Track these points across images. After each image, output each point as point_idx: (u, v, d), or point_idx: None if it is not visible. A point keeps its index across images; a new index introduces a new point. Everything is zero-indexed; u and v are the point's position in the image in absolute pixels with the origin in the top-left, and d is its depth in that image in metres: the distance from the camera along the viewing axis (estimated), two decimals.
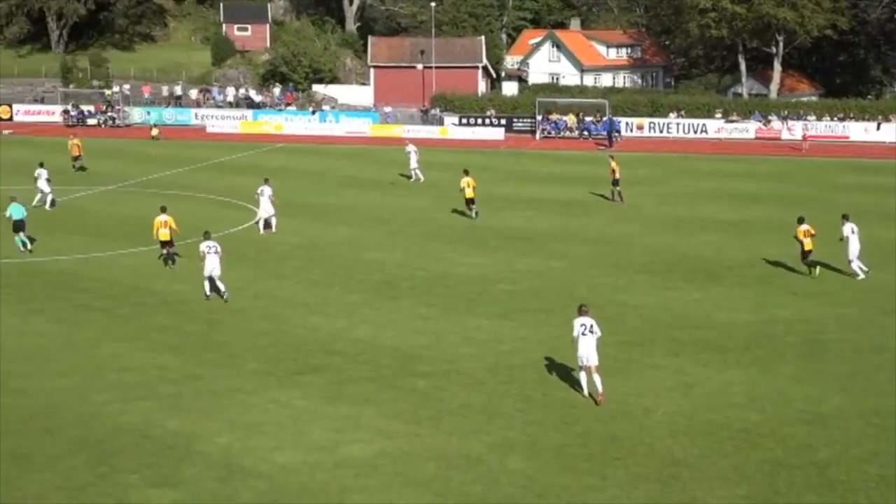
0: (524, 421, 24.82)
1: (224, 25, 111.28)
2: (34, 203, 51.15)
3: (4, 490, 20.96)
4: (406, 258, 42.29)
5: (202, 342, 30.77)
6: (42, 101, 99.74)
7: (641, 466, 22.26)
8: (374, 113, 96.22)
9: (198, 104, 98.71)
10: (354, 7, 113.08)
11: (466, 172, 51.43)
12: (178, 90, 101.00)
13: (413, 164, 62.76)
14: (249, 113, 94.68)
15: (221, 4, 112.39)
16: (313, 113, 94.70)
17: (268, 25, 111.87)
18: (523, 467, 22.23)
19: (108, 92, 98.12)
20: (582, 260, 42.03)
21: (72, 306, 34.39)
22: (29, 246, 42.55)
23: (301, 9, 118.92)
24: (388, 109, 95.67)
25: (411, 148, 63.80)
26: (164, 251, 39.92)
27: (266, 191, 47.26)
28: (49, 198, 51.96)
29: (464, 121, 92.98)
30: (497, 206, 54.69)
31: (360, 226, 49.04)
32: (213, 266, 35.16)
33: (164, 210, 40.51)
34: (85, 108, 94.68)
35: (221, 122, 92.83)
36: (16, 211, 42.71)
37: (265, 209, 47.06)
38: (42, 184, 52.01)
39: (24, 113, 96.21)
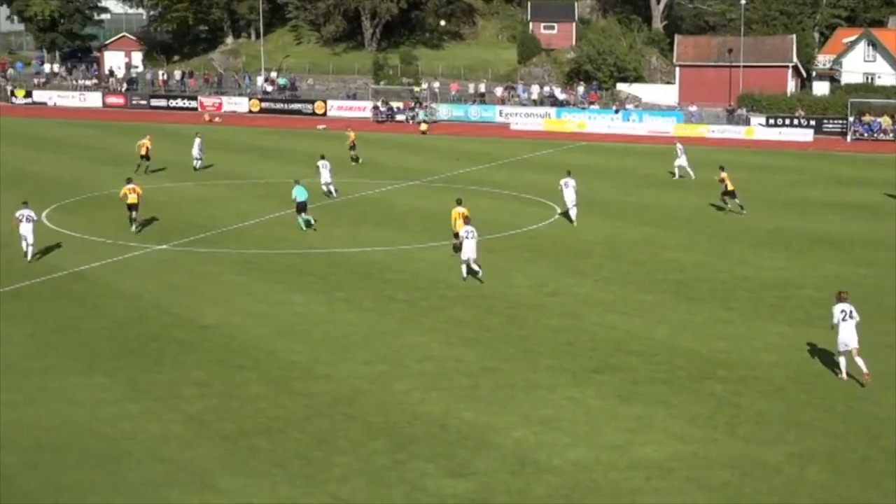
0: (825, 432, 23.98)
1: (531, 24, 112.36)
2: (326, 192, 53.49)
3: (309, 471, 21.88)
4: (706, 259, 41.58)
5: (500, 336, 31.20)
6: (354, 97, 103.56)
7: None
8: (678, 112, 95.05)
9: (502, 101, 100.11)
10: (661, 5, 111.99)
11: (722, 168, 52.06)
12: (483, 87, 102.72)
13: (680, 162, 62.59)
14: (553, 111, 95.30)
15: (529, 3, 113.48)
16: (616, 111, 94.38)
17: (574, 24, 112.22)
18: (823, 480, 21.47)
19: (416, 89, 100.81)
20: (892, 268, 40.19)
21: (377, 296, 35.53)
22: (313, 225, 45.75)
23: (608, 7, 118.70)
24: (692, 109, 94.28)
25: (679, 147, 63.60)
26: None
27: (570, 183, 48.36)
28: (325, 188, 54.16)
29: (770, 121, 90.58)
30: (803, 209, 53.05)
31: (660, 225, 48.55)
32: (469, 250, 36.80)
33: (459, 202, 41.46)
34: (394, 104, 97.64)
35: (525, 119, 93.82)
36: (300, 193, 45.77)
37: (569, 200, 48.17)
38: (325, 175, 54.18)
39: (337, 108, 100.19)
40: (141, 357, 28.88)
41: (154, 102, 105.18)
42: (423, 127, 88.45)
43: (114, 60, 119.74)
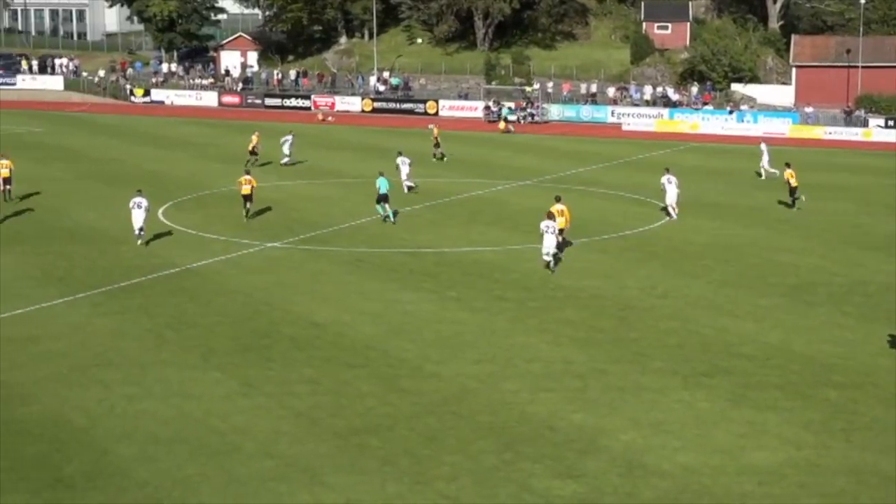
0: None
1: (644, 24, 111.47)
2: (406, 185, 54.10)
3: (417, 469, 21.99)
4: (821, 262, 40.87)
5: (610, 338, 31.02)
6: (465, 97, 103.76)
7: None
8: (794, 113, 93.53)
9: (614, 102, 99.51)
10: (778, 5, 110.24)
11: (788, 165, 52.79)
12: (594, 88, 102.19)
13: (763, 162, 62.39)
14: (665, 111, 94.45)
15: (643, 3, 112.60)
16: (730, 112, 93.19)
17: (688, 24, 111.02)
18: None
19: (528, 89, 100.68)
20: None
21: (487, 296, 35.56)
22: (392, 219, 47.09)
23: (723, 7, 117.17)
24: (808, 110, 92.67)
25: (763, 147, 63.64)
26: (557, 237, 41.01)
27: (672, 179, 49.00)
28: (406, 184, 54.96)
29: (890, 123, 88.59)
30: None
31: (774, 227, 47.83)
32: (549, 244, 38.28)
33: (558, 199, 41.72)
34: (506, 104, 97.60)
35: (637, 120, 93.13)
36: (382, 184, 47.16)
37: (671, 196, 48.77)
38: (404, 171, 55.05)
39: (448, 108, 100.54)
40: (253, 353, 29.29)
41: (268, 102, 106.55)
42: (502, 125, 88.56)
43: (230, 60, 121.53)
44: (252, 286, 36.57)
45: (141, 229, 42.60)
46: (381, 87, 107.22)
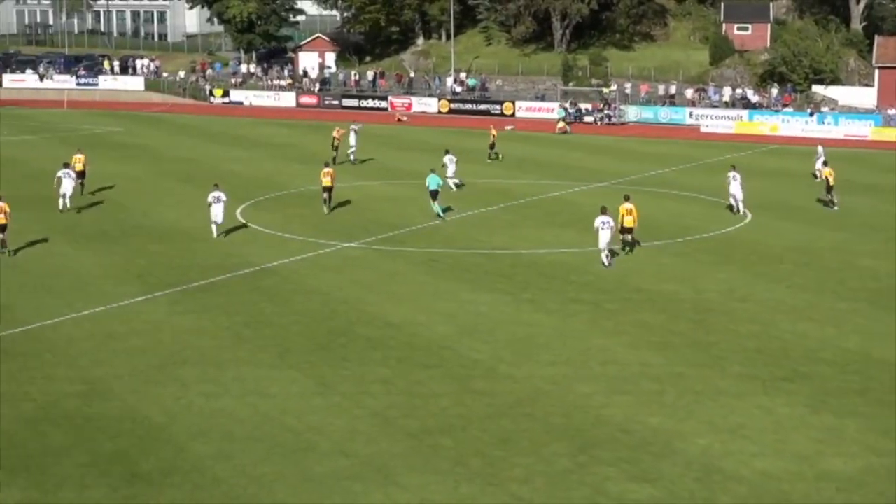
0: None
1: (724, 25, 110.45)
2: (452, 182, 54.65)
3: (490, 470, 21.98)
4: None
5: (688, 341, 30.78)
6: (542, 98, 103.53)
7: None
8: (876, 115, 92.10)
9: (692, 104, 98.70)
10: (861, 5, 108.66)
11: (826, 164, 54.88)
12: (673, 89, 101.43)
13: (818, 164, 61.94)
14: (745, 113, 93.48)
15: (722, 4, 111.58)
16: (811, 114, 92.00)
17: (769, 25, 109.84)
18: None
19: (605, 90, 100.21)
20: None
21: (562, 298, 35.46)
22: (443, 216, 48.12)
23: (804, 8, 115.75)
24: (892, 112, 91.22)
25: (820, 149, 63.58)
26: (627, 236, 41.47)
27: (737, 177, 50.47)
28: (452, 181, 55.58)
29: None
30: None
31: (855, 231, 47.14)
32: (605, 239, 39.16)
33: (627, 198, 41.76)
34: (582, 105, 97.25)
35: (716, 122, 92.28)
36: (432, 181, 48.34)
37: (736, 193, 50.22)
38: (451, 168, 55.88)
39: (525, 110, 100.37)
40: (329, 352, 29.47)
41: (346, 102, 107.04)
42: (560, 125, 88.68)
43: (308, 61, 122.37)
44: (328, 286, 36.79)
45: (218, 223, 44.28)
46: (458, 89, 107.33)
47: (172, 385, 26.81)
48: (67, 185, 51.04)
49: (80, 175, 54.30)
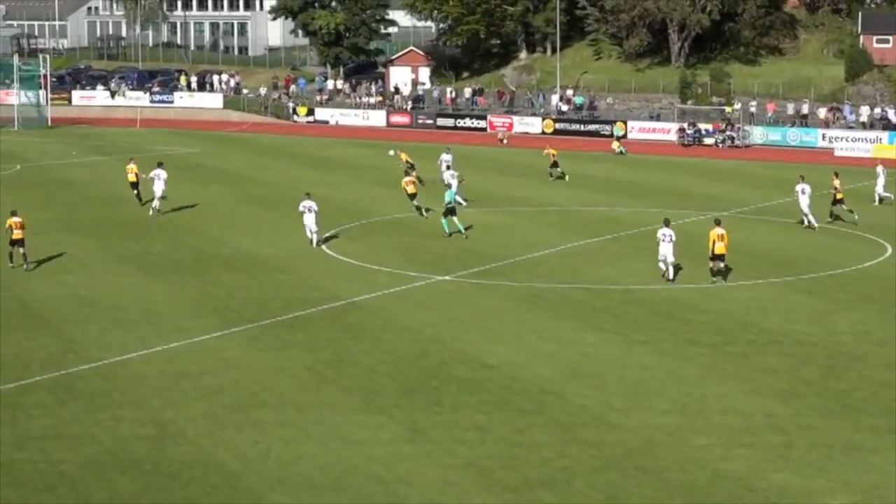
0: None
1: (861, 37, 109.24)
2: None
3: None
4: None
5: (817, 389, 30.38)
6: (657, 118, 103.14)
7: None
8: None
9: (826, 124, 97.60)
10: None
11: (837, 175, 56.44)
12: (804, 108, 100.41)
13: (879, 186, 63.19)
14: (885, 135, 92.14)
15: (860, 14, 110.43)
16: None
17: None
18: None
19: (728, 109, 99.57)
20: None
21: (677, 339, 35.23)
22: (463, 233, 50.75)
23: None
24: None
25: (880, 168, 64.19)
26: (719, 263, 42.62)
27: (806, 189, 53.61)
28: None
29: None
30: None
31: None
32: (666, 252, 42.29)
33: (718, 223, 43.06)
34: (702, 126, 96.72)
35: (851, 144, 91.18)
36: (448, 195, 51.37)
37: (804, 206, 53.12)
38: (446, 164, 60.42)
39: (638, 130, 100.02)
40: (420, 396, 29.58)
41: (440, 122, 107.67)
42: (615, 146, 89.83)
43: (399, 76, 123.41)
44: (420, 323, 36.97)
45: (314, 232, 48.60)
46: (564, 107, 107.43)
47: (249, 429, 27.11)
48: (159, 187, 56.77)
49: (134, 186, 59.30)
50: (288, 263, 45.30)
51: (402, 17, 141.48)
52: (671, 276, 42.59)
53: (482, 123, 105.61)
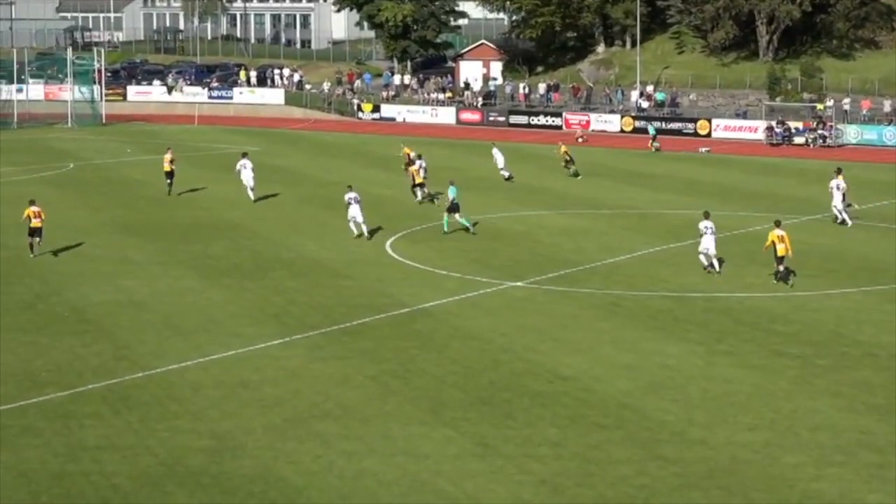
0: None
1: None
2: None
3: None
4: None
5: None
6: (744, 115, 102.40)
7: None
8: None
9: None
10: None
11: (839, 171, 56.90)
12: None
13: None
14: None
15: None
16: None
17: None
18: None
19: (819, 106, 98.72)
20: None
21: (765, 350, 34.99)
22: (472, 229, 52.53)
23: None
24: None
25: None
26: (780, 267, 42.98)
27: (841, 185, 54.60)
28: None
29: None
30: None
31: None
32: (707, 244, 44.51)
33: (778, 224, 43.77)
34: (792, 124, 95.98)
35: None
36: (451, 192, 52.91)
37: (838, 202, 54.80)
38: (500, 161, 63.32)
39: (723, 129, 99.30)
40: (490, 408, 29.60)
41: (513, 119, 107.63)
42: (656, 144, 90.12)
43: (470, 71, 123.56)
44: (490, 331, 36.99)
45: (361, 223, 51.17)
46: (644, 104, 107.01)
47: (311, 442, 27.26)
48: (247, 177, 60.82)
49: (169, 175, 62.88)
50: (352, 268, 45.51)
51: (472, 9, 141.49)
52: (717, 268, 44.65)
53: (557, 121, 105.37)
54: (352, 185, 53.01)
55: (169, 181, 63.18)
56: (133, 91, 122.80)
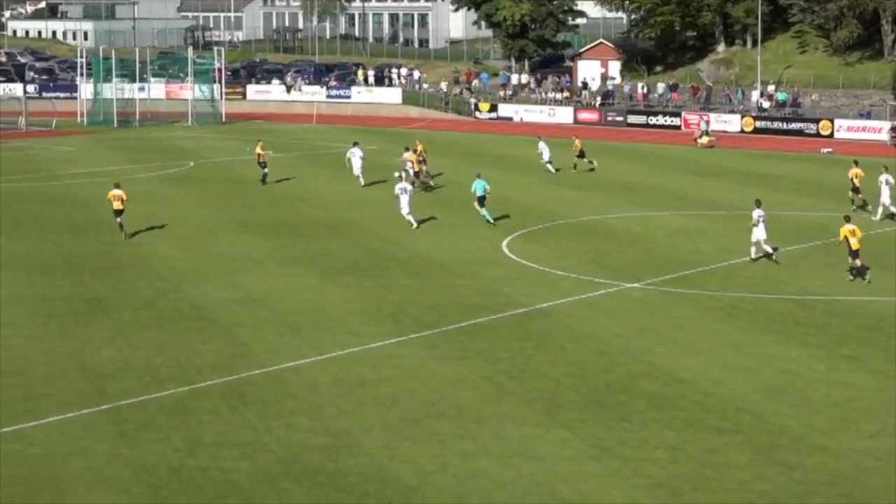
0: None
1: None
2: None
3: None
4: None
5: None
6: (868, 115, 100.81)
7: None
8: None
9: None
10: None
11: (856, 163, 59.28)
12: None
13: None
14: None
15: None
16: None
17: None
18: None
19: None
20: None
21: (889, 355, 34.39)
22: (492, 221, 54.11)
23: None
24: None
25: None
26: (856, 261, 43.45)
27: (890, 180, 55.25)
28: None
29: None
30: None
31: None
32: (759, 234, 45.62)
33: (847, 220, 43.93)
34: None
35: None
36: (478, 187, 54.58)
37: (885, 198, 55.14)
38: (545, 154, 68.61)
39: (846, 129, 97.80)
40: (606, 410, 29.46)
41: (631, 119, 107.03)
42: (704, 140, 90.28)
43: (588, 70, 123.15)
44: (607, 333, 36.83)
45: (409, 213, 53.27)
46: (766, 104, 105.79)
47: (427, 441, 27.34)
48: (357, 165, 64.65)
49: (263, 165, 66.73)
50: (468, 267, 45.56)
51: (590, 8, 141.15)
52: (773, 254, 46.39)
53: (676, 121, 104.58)
54: (400, 174, 57.87)
55: (264, 171, 67.43)
56: (252, 90, 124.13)
